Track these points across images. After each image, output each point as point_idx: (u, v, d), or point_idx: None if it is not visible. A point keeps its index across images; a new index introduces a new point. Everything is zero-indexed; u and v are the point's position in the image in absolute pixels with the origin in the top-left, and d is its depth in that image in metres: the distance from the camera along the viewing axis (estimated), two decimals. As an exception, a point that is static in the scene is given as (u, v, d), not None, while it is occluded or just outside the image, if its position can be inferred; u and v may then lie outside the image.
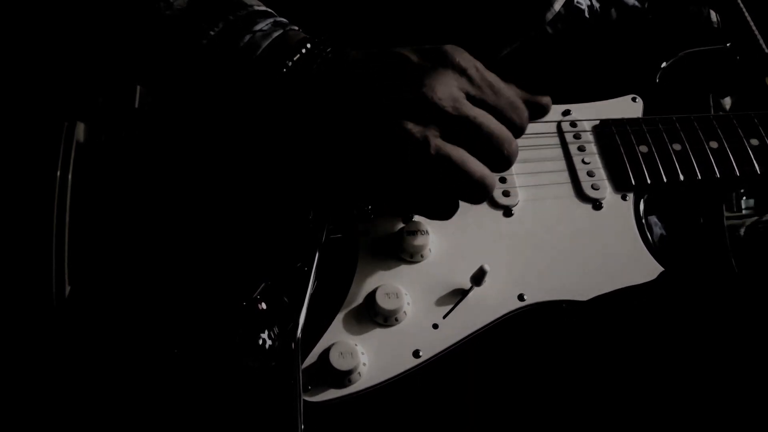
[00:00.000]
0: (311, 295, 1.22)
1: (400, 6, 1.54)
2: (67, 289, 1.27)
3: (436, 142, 1.17)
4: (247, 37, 1.24)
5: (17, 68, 1.44)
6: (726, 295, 1.42)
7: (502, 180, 1.43)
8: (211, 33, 1.24)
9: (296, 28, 1.29)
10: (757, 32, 1.62)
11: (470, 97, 1.22)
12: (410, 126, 1.17)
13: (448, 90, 1.19)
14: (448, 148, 1.18)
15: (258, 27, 1.25)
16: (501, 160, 1.23)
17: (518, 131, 1.26)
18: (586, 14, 1.64)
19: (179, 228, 1.31)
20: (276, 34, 1.25)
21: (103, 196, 1.33)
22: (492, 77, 1.25)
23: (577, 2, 1.63)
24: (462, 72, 1.22)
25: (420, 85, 1.19)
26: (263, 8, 1.29)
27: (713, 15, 1.69)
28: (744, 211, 1.68)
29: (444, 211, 1.27)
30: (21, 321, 1.25)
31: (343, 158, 1.22)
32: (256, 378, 1.19)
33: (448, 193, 1.24)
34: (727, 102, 1.71)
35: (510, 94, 1.25)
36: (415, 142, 1.17)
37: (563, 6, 1.60)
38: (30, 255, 1.28)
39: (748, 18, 1.63)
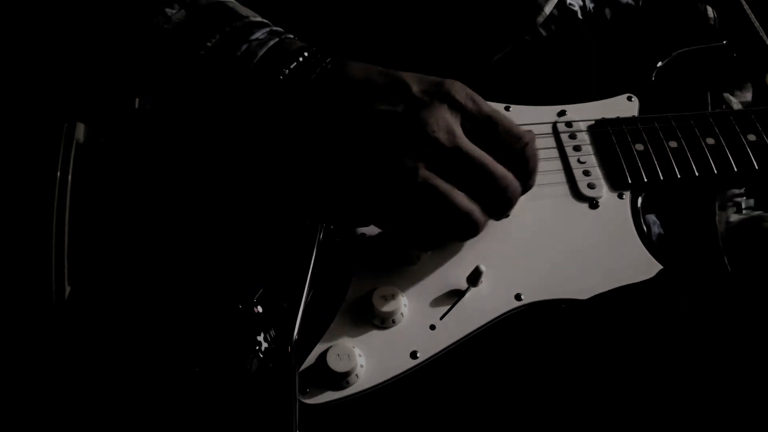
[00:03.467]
0: (308, 298, 1.22)
1: (394, 14, 1.54)
2: (67, 289, 1.27)
3: (425, 172, 1.19)
4: (244, 47, 1.25)
5: (17, 68, 1.44)
6: (724, 293, 1.42)
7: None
8: (209, 44, 1.25)
9: (292, 36, 1.29)
10: (758, 25, 1.61)
11: (467, 131, 1.23)
12: (402, 155, 1.19)
13: (444, 122, 1.20)
14: (437, 179, 1.19)
15: (254, 36, 1.26)
16: (497, 197, 1.24)
17: (520, 159, 1.26)
18: (579, 15, 1.64)
19: (178, 230, 1.32)
20: (272, 43, 1.26)
21: (102, 196, 1.34)
22: (490, 110, 1.26)
23: (570, 3, 1.63)
24: (458, 107, 1.23)
25: (417, 116, 1.20)
26: (259, 19, 1.30)
27: (710, 11, 1.69)
28: (744, 212, 1.68)
29: (424, 244, 1.29)
30: (21, 321, 1.26)
31: (333, 176, 1.23)
32: (253, 380, 1.19)
33: (431, 224, 1.25)
34: (733, 101, 1.70)
35: (510, 123, 1.26)
36: (402, 170, 1.18)
37: (555, 7, 1.60)
38: (30, 255, 1.28)
39: (749, 12, 1.62)
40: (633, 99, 1.56)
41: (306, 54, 1.25)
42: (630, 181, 1.44)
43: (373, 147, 1.20)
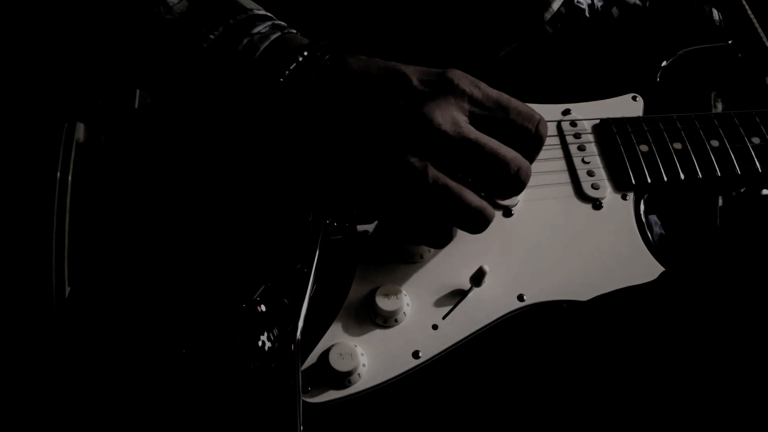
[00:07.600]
0: (311, 297, 1.21)
1: (399, 8, 1.54)
2: (67, 289, 1.27)
3: (434, 172, 1.18)
4: (246, 40, 1.25)
5: (17, 68, 1.44)
6: (726, 296, 1.42)
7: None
8: (211, 37, 1.25)
9: (294, 30, 1.30)
10: (760, 29, 1.61)
11: (475, 118, 1.22)
12: (409, 154, 1.18)
13: (448, 114, 1.20)
14: (446, 179, 1.19)
15: (256, 30, 1.26)
16: (509, 181, 1.23)
17: (534, 140, 1.26)
18: (587, 13, 1.64)
19: (179, 229, 1.32)
20: (274, 37, 1.26)
21: (103, 196, 1.33)
22: (497, 93, 1.25)
23: (578, 1, 1.63)
24: (463, 95, 1.22)
25: (420, 111, 1.19)
26: (263, 12, 1.30)
27: (715, 13, 1.69)
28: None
29: (437, 240, 1.29)
30: (21, 321, 1.25)
31: (338, 176, 1.23)
32: (256, 379, 1.19)
33: (443, 222, 1.25)
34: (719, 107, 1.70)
35: (519, 104, 1.25)
36: (412, 171, 1.18)
37: (563, 5, 1.59)
38: (30, 255, 1.28)
39: (752, 15, 1.62)
40: (638, 99, 1.56)
41: (306, 53, 1.25)
42: (634, 182, 1.44)
43: (377, 147, 1.20)
